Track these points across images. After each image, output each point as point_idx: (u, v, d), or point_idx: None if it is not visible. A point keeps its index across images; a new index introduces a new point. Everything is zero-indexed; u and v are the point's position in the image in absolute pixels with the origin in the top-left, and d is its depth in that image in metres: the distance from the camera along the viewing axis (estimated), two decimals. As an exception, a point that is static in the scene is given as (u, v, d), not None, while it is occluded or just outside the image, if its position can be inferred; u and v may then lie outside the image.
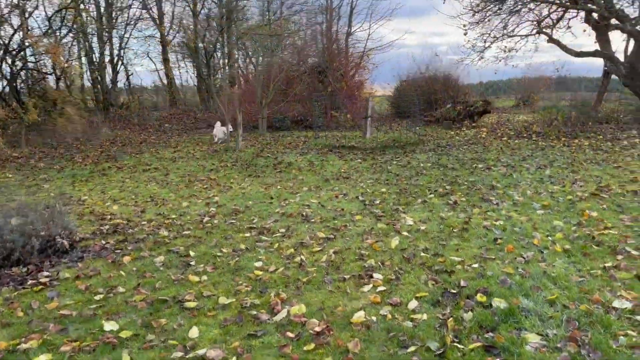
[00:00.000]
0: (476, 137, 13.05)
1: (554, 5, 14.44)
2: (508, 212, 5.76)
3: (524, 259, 4.23)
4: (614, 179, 7.30)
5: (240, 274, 4.23)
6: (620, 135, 11.99)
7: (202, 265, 4.44)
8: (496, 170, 8.42)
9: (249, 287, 3.93)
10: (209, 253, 4.78)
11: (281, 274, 4.17)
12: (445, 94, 16.91)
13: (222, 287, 3.96)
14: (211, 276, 4.21)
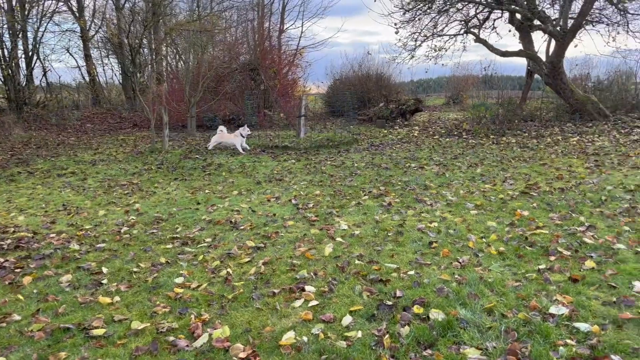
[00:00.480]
0: (409, 135, 13.12)
1: (480, 5, 14.79)
2: (442, 213, 5.67)
3: (460, 263, 4.10)
4: (541, 176, 7.44)
5: (158, 292, 3.81)
6: (544, 132, 12.44)
7: (115, 284, 3.98)
8: (429, 169, 8.40)
9: (167, 307, 3.53)
10: (124, 269, 4.32)
11: (204, 290, 3.80)
12: (378, 93, 16.96)
13: (136, 309, 3.53)
14: (125, 296, 3.76)
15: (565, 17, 13.36)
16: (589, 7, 12.67)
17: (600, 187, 6.49)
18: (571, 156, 9.09)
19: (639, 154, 8.99)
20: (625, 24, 14.03)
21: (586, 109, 13.93)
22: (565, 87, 14.03)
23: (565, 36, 13.11)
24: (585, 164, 8.24)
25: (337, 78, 19.51)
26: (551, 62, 13.77)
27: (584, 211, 5.45)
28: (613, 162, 8.22)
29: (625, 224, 4.93)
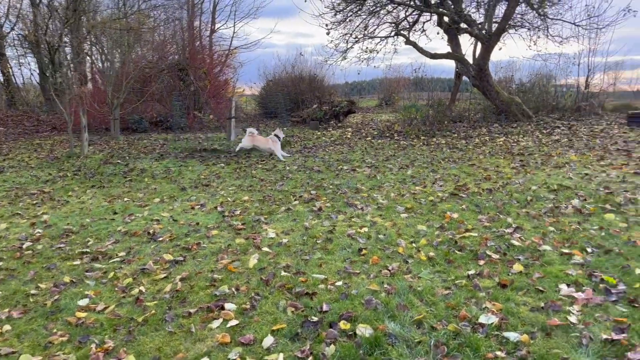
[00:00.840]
0: (342, 137, 13.04)
1: (409, 8, 14.98)
2: (373, 217, 5.53)
3: (389, 271, 3.94)
4: (470, 177, 7.50)
5: (57, 317, 3.38)
6: (472, 133, 12.73)
7: (7, 310, 3.50)
8: (361, 171, 8.29)
9: (66, 336, 3.12)
10: (20, 291, 3.83)
11: (112, 313, 3.41)
12: (311, 94, 16.82)
13: (28, 340, 3.10)
14: (17, 324, 3.30)
15: (490, 21, 13.77)
16: (512, 11, 13.12)
17: (526, 187, 6.60)
18: (498, 156, 9.28)
19: (560, 153, 9.31)
20: (545, 29, 14.67)
21: (511, 110, 14.42)
22: (492, 89, 14.47)
23: (490, 39, 13.51)
24: (511, 164, 8.42)
25: (270, 79, 19.19)
26: (478, 65, 14.15)
27: (511, 212, 5.47)
28: (537, 162, 8.45)
29: (550, 224, 4.97)
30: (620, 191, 6.15)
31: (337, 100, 16.40)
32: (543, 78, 17.62)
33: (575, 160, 8.56)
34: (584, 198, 5.91)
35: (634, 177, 6.99)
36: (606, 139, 11.14)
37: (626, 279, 3.60)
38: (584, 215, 5.23)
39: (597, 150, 9.53)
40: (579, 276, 3.69)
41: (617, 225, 4.87)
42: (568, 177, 7.11)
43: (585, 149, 9.82)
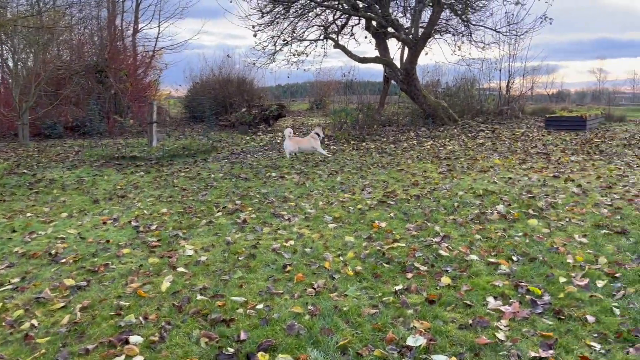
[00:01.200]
0: (272, 142, 12.74)
1: (338, 11, 14.94)
2: (300, 228, 5.28)
3: (314, 289, 3.69)
4: (398, 183, 7.44)
5: None
6: (401, 137, 12.84)
7: None
8: (290, 178, 8.03)
9: None
10: None
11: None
12: (240, 98, 16.39)
13: None
14: None
15: (416, 26, 13.98)
16: (437, 17, 13.38)
17: (453, 192, 6.61)
18: (426, 161, 9.34)
19: (484, 157, 9.51)
20: (469, 34, 15.10)
21: (438, 114, 14.72)
22: (419, 93, 14.70)
23: (417, 44, 13.70)
24: (438, 168, 8.47)
25: (197, 82, 18.56)
26: (405, 69, 14.33)
27: (439, 219, 5.41)
28: (463, 167, 8.56)
29: (477, 231, 4.94)
30: (541, 195, 6.28)
31: (267, 103, 16.08)
32: (467, 82, 18.21)
33: (499, 164, 8.75)
34: (508, 203, 5.96)
35: (553, 181, 7.20)
36: (527, 142, 11.56)
37: (551, 289, 3.57)
38: (508, 221, 5.25)
39: (519, 154, 9.83)
40: (505, 287, 3.61)
41: (540, 231, 4.90)
42: (493, 182, 7.21)
43: (508, 152, 10.10)
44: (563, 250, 4.30)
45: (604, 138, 11.94)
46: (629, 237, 4.62)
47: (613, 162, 8.68)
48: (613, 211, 5.46)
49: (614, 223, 5.04)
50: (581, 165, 8.45)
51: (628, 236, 4.64)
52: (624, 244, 4.44)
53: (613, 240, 4.56)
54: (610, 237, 4.63)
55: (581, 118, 13.57)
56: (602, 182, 6.98)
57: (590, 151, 9.96)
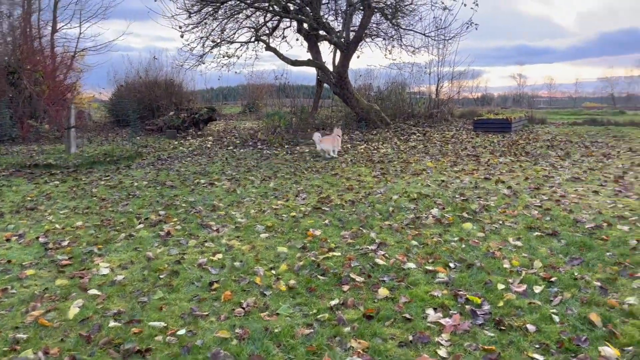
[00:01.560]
0: (201, 147, 12.23)
1: (269, 13, 14.64)
2: (229, 240, 4.93)
3: (243, 309, 3.38)
4: (333, 187, 7.25)
5: None
6: (334, 140, 12.70)
7: None
8: (220, 185, 7.64)
9: None
10: None
11: None
12: (168, 101, 15.68)
13: None
14: None
15: (348, 29, 13.94)
16: (368, 20, 13.41)
17: (387, 197, 6.49)
18: (360, 165, 9.23)
19: (417, 160, 9.54)
20: (399, 38, 15.26)
21: (371, 117, 14.75)
22: (352, 97, 14.67)
23: (348, 47, 13.66)
24: (372, 172, 8.37)
25: (122, 84, 17.62)
26: (338, 72, 14.25)
27: (374, 226, 5.24)
28: (396, 170, 8.51)
29: (413, 237, 4.81)
30: (474, 198, 6.29)
31: (196, 107, 15.49)
32: (399, 86, 18.45)
33: (432, 166, 8.78)
34: (442, 207, 5.91)
35: (485, 183, 7.26)
36: (457, 144, 11.76)
37: (490, 297, 3.46)
38: (444, 226, 5.17)
39: (450, 156, 9.94)
40: (444, 297, 3.47)
41: (475, 235, 4.85)
42: (426, 185, 7.17)
43: (439, 155, 10.20)
44: (499, 255, 4.23)
45: (528, 140, 12.38)
46: (560, 238, 4.65)
47: (539, 163, 8.95)
48: (543, 212, 5.52)
49: (545, 225, 5.07)
50: (509, 166, 8.63)
51: (559, 238, 4.66)
52: (556, 246, 4.45)
53: (545, 243, 4.56)
54: (543, 240, 4.64)
55: (507, 120, 14.04)
56: (530, 183, 7.12)
57: (517, 153, 10.25)
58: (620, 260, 4.04)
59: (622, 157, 9.44)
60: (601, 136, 12.88)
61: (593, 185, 6.91)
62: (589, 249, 4.35)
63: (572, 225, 5.03)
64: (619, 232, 4.77)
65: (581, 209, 5.65)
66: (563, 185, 6.96)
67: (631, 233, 4.73)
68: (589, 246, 4.40)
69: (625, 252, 4.23)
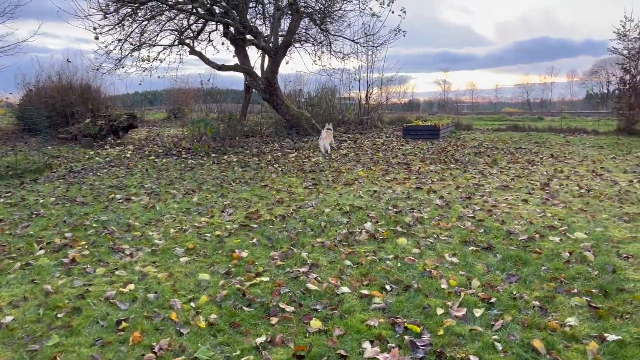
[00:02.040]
0: (120, 157, 11.39)
1: (192, 15, 14.01)
2: (144, 265, 4.41)
3: (155, 354, 2.92)
4: (262, 201, 6.85)
5: None
6: (264, 149, 12.29)
7: None
8: (137, 200, 7.01)
9: None
10: None
11: None
12: (84, 107, 14.59)
13: None
14: None
15: (276, 33, 13.58)
16: (296, 25, 13.12)
17: (319, 210, 6.18)
18: (290, 174, 8.89)
19: (348, 169, 9.33)
20: (328, 44, 15.10)
21: (301, 125, 14.47)
22: (281, 103, 14.32)
23: (277, 52, 13.31)
24: (303, 183, 8.05)
25: (32, 89, 16.27)
26: (266, 78, 13.86)
27: (306, 243, 4.90)
28: (328, 180, 8.24)
29: (346, 256, 4.51)
30: (407, 209, 6.11)
31: (115, 113, 14.51)
32: (329, 92, 18.33)
33: (363, 176, 8.59)
34: (375, 220, 5.68)
35: (417, 192, 7.14)
36: (388, 152, 11.71)
37: (429, 324, 3.20)
38: (378, 242, 4.92)
39: (382, 165, 9.82)
40: (382, 327, 3.17)
41: (410, 251, 4.63)
42: (359, 196, 6.94)
43: (370, 163, 10.06)
44: (436, 274, 4.02)
45: (456, 146, 12.57)
46: (495, 252, 4.52)
47: (468, 170, 9.00)
48: (476, 224, 5.42)
49: (479, 238, 4.95)
50: (440, 174, 8.61)
51: (494, 252, 4.54)
52: (492, 262, 4.30)
53: (481, 258, 4.41)
54: (479, 255, 4.49)
55: (435, 127, 14.23)
56: (461, 193, 7.07)
57: (447, 160, 10.31)
58: (556, 275, 3.95)
59: (545, 163, 9.71)
60: (524, 142, 13.34)
61: (522, 194, 6.97)
62: (525, 263, 4.25)
63: (505, 238, 4.94)
64: (551, 243, 4.72)
65: (513, 219, 5.61)
66: (493, 194, 6.96)
67: (562, 244, 4.70)
68: (524, 260, 4.29)
69: (559, 265, 4.16)
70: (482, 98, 69.72)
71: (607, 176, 8.17)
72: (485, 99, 69.40)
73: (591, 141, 13.50)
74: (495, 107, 60.43)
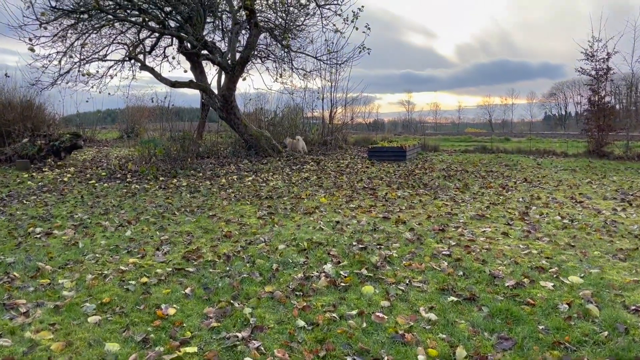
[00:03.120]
0: (56, 181, 10.22)
1: (144, 29, 13.07)
2: (38, 331, 3.41)
3: None
4: (206, 235, 5.92)
5: None
6: (219, 171, 11.34)
7: None
8: (60, 235, 5.97)
9: None
10: None
11: None
12: (23, 125, 13.32)
13: None
14: None
15: (233, 49, 12.75)
16: (255, 40, 12.32)
17: (272, 246, 5.30)
18: (244, 201, 7.98)
19: (309, 195, 8.49)
20: (290, 61, 14.37)
21: (261, 145, 13.60)
22: (239, 122, 13.44)
23: (234, 69, 12.46)
24: (258, 212, 7.16)
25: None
26: (223, 96, 12.97)
27: (251, 294, 4.01)
28: (286, 208, 7.37)
29: (299, 312, 3.64)
30: (374, 245, 5.30)
31: (58, 132, 13.29)
32: (292, 111, 17.57)
33: (325, 202, 7.77)
34: (337, 260, 4.83)
35: (384, 223, 6.35)
36: (352, 175, 10.95)
37: None
38: (339, 291, 4.07)
39: (345, 189, 9.03)
40: None
41: (378, 304, 3.79)
42: (319, 228, 6.10)
43: (334, 188, 9.25)
44: (410, 339, 3.18)
45: (424, 169, 11.91)
46: (480, 304, 3.73)
47: (438, 196, 8.30)
48: (454, 265, 4.64)
49: (459, 283, 4.17)
50: (408, 201, 7.87)
51: (479, 303, 3.75)
52: (477, 318, 3.50)
53: (464, 313, 3.61)
54: (461, 308, 3.69)
55: (401, 149, 13.60)
56: (433, 223, 6.32)
57: (415, 185, 9.60)
58: (558, 339, 3.17)
59: (519, 188, 9.12)
60: (494, 165, 12.82)
61: (500, 225, 6.26)
62: (517, 320, 3.46)
63: (489, 283, 4.17)
64: (544, 291, 3.97)
65: (494, 257, 4.86)
66: (469, 225, 6.23)
67: (557, 292, 3.95)
68: (516, 316, 3.51)
69: (560, 323, 3.39)
70: (444, 118, 70.74)
71: (587, 203, 7.59)
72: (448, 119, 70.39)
73: (562, 164, 13.10)
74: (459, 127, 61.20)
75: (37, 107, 14.64)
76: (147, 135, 19.40)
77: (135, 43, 14.42)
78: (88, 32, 11.96)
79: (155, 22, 12.52)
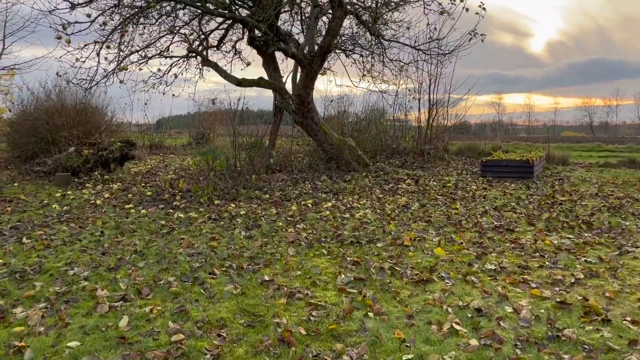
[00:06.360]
0: (87, 203, 8.15)
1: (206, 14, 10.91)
2: None
3: None
4: (249, 333, 3.34)
5: None
6: (291, 192, 8.81)
7: None
8: (11, 323, 3.65)
9: None
10: None
11: None
12: (69, 132, 11.58)
13: None
14: None
15: (312, 36, 10.20)
16: (338, 25, 9.64)
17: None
18: (320, 249, 5.36)
19: (415, 238, 5.70)
20: (382, 52, 11.63)
21: (344, 157, 10.95)
22: (317, 128, 10.88)
23: (312, 61, 9.89)
24: (339, 275, 4.49)
25: (24, 109, 13.62)
26: (298, 96, 10.46)
27: None
28: (383, 267, 4.62)
29: None
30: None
31: (108, 140, 11.44)
32: (379, 114, 14.80)
33: (443, 256, 4.95)
34: None
35: (565, 317, 3.42)
36: (469, 201, 7.98)
37: None
38: None
39: (468, 229, 6.15)
40: None
41: None
42: (451, 329, 3.31)
43: (448, 225, 6.39)
44: None
45: (567, 194, 8.67)
46: None
47: (624, 248, 5.20)
48: None
49: None
50: (578, 258, 4.86)
51: None
52: None
53: None
54: None
55: (527, 163, 10.37)
56: (672, 329, 3.31)
57: (571, 222, 6.48)
58: None
59: None
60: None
61: None
62: None
63: None
64: None
65: None
66: None
67: None
68: None
69: None
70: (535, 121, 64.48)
71: None
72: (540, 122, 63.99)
73: None
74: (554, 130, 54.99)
75: (92, 111, 12.96)
76: (216, 142, 17.47)
77: (203, 35, 12.33)
78: (134, 19, 9.87)
79: (213, 4, 10.23)
